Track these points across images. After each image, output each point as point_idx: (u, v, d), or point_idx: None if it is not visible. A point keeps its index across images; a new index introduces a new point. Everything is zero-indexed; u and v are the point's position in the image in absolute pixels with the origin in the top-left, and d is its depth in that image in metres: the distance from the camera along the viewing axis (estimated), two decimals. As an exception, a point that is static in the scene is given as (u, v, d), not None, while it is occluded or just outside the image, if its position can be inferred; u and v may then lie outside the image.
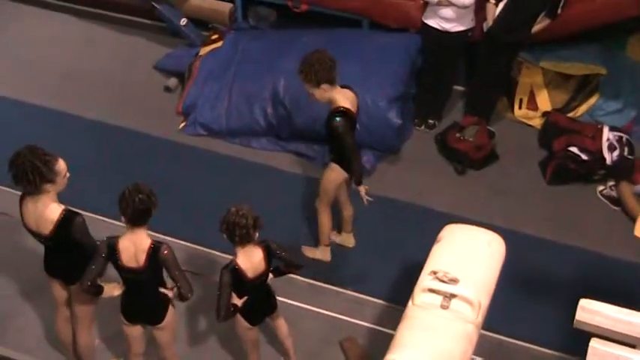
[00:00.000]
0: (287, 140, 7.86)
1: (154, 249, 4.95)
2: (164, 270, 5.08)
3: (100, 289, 5.11)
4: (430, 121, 8.24)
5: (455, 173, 7.75)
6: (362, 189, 6.11)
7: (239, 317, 5.35)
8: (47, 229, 5.07)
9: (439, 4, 7.58)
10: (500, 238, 5.52)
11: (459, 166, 7.76)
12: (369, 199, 6.17)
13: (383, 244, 6.96)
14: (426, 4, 7.81)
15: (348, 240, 6.92)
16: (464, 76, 8.47)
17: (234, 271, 5.08)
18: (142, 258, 4.96)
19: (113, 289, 5.20)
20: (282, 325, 5.72)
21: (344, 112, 5.78)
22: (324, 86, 5.76)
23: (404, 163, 7.85)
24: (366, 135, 7.50)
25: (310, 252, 6.82)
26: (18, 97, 8.48)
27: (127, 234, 4.97)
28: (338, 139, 5.86)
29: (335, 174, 6.24)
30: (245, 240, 5.05)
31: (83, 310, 5.51)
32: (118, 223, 5.31)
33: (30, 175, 4.89)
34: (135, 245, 4.96)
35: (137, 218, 4.90)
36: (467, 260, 5.23)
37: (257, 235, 5.09)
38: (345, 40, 8.14)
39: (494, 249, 5.41)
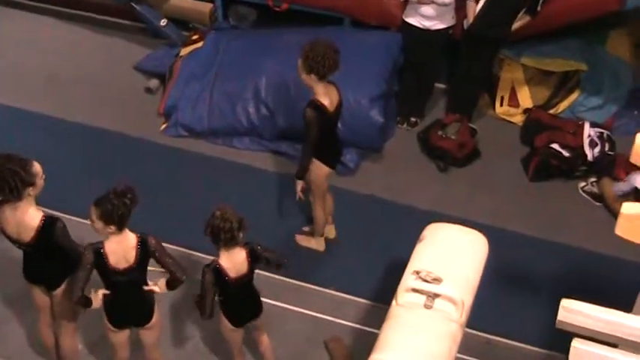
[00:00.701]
0: (270, 140, 7.84)
1: (142, 242, 4.95)
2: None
3: (89, 301, 5.05)
4: (412, 119, 8.25)
5: (437, 171, 7.77)
6: (299, 184, 6.20)
7: (223, 318, 5.34)
8: (28, 235, 5.03)
9: (420, 2, 7.59)
10: (483, 237, 5.53)
11: (441, 163, 7.77)
12: (302, 196, 6.28)
13: (366, 243, 6.97)
14: (406, 2, 7.83)
15: (329, 232, 6.94)
16: (445, 73, 8.48)
17: (216, 270, 5.07)
18: (132, 255, 4.95)
19: (97, 294, 5.12)
20: (264, 340, 5.71)
21: (317, 106, 5.83)
22: (313, 76, 5.79)
23: (387, 162, 7.86)
24: (349, 133, 7.50)
25: (305, 241, 6.88)
26: (-1, 100, 8.43)
27: (113, 237, 4.92)
28: (305, 128, 5.90)
29: (318, 168, 6.27)
30: (230, 243, 5.04)
31: (66, 316, 5.47)
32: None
33: (11, 182, 4.84)
34: (122, 245, 4.93)
35: (125, 221, 4.88)
36: (450, 259, 5.24)
37: (242, 236, 5.07)
38: (327, 38, 8.10)
39: (477, 247, 5.42)
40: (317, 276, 6.65)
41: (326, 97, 5.90)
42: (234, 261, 5.12)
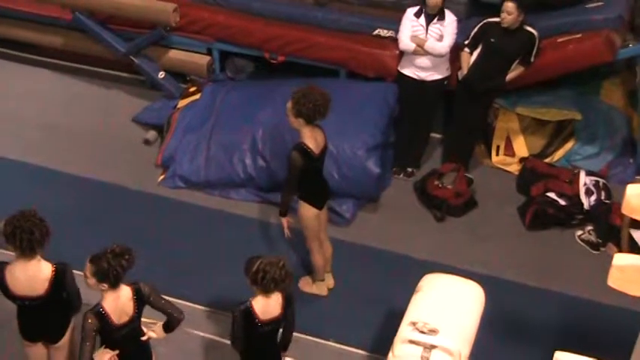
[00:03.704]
0: (266, 191, 7.87)
1: (137, 291, 4.98)
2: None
3: None
4: (409, 169, 8.29)
5: (434, 220, 7.78)
6: (284, 221, 6.30)
7: None
8: (42, 288, 5.09)
9: (415, 53, 7.67)
10: (480, 287, 5.54)
11: (438, 213, 7.78)
12: (289, 234, 6.36)
13: (363, 293, 6.94)
14: (401, 54, 7.91)
15: (328, 281, 6.94)
16: (441, 123, 8.55)
17: (248, 312, 5.03)
18: (131, 307, 4.97)
19: (102, 356, 5.07)
20: None
21: (303, 150, 5.98)
22: (301, 120, 5.97)
23: (383, 211, 7.87)
24: (346, 184, 7.54)
25: (307, 286, 6.90)
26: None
27: (109, 295, 4.90)
28: (288, 168, 6.06)
29: (306, 210, 6.35)
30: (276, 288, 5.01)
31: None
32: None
33: (35, 236, 4.94)
34: (119, 301, 4.93)
35: (120, 280, 4.89)
36: (446, 310, 5.24)
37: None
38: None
39: (474, 298, 5.42)
40: (315, 327, 6.61)
41: (312, 139, 6.04)
42: (268, 305, 5.08)
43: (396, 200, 7.99)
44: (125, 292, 4.95)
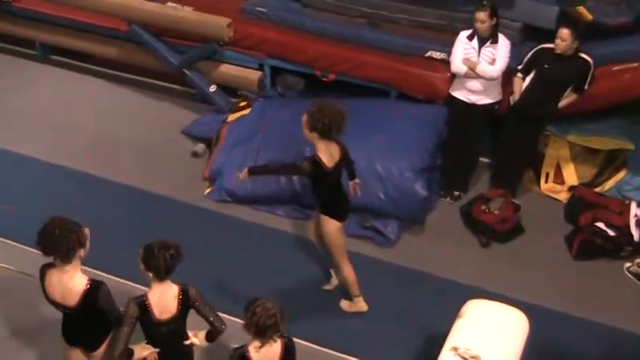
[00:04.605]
0: (312, 208, 7.85)
1: (184, 292, 5.06)
2: None
3: (131, 353, 5.10)
4: (456, 192, 8.23)
5: (479, 245, 7.70)
6: (244, 173, 6.41)
7: None
8: (73, 300, 5.10)
9: (466, 75, 7.64)
10: (524, 315, 5.46)
11: (483, 238, 7.71)
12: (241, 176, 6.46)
13: (405, 316, 6.89)
14: (452, 77, 7.88)
15: (359, 305, 6.87)
16: (490, 148, 8.48)
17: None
18: (174, 305, 5.05)
19: (142, 351, 5.18)
20: None
21: (314, 161, 6.05)
22: (315, 134, 6.05)
23: (428, 234, 7.83)
24: (392, 205, 7.52)
25: (348, 306, 6.87)
26: (48, 159, 8.60)
27: (154, 289, 5.03)
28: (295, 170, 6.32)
29: (328, 223, 6.35)
30: (274, 335, 4.85)
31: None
32: (140, 286, 5.30)
33: (69, 243, 4.96)
34: (164, 296, 5.03)
35: (167, 273, 5.00)
36: (489, 337, 5.18)
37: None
38: (373, 111, 8.21)
39: (517, 326, 5.35)
40: (354, 347, 6.58)
41: (326, 153, 6.09)
42: (267, 352, 4.90)
43: (441, 223, 7.94)
44: (172, 289, 5.05)
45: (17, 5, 10.24)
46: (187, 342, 5.23)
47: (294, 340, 5.03)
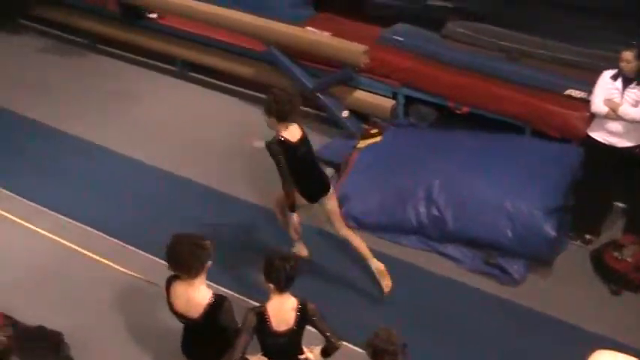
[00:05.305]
0: (438, 241, 7.77)
1: (302, 306, 5.15)
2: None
3: None
4: (587, 236, 7.96)
5: (609, 293, 7.42)
6: (294, 217, 6.92)
7: None
8: (197, 312, 5.18)
9: (607, 117, 7.40)
10: (655, 371, 5.19)
11: (614, 286, 7.42)
12: (297, 228, 7.05)
13: (524, 358, 6.70)
14: (592, 117, 7.65)
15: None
16: (626, 192, 8.17)
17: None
18: (292, 317, 5.13)
19: None
20: None
21: (278, 140, 6.53)
22: (273, 119, 6.53)
23: (555, 277, 7.59)
24: (519, 243, 7.37)
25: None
26: (173, 171, 8.85)
27: (273, 300, 5.13)
28: (273, 159, 6.59)
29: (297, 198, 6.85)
30: None
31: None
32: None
33: (200, 260, 5.10)
34: (282, 307, 5.12)
35: (287, 284, 5.10)
36: (617, 390, 4.93)
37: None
38: (506, 146, 8.09)
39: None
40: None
41: (287, 132, 6.58)
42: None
43: (569, 266, 7.69)
44: (290, 301, 5.15)
45: (163, 22, 10.62)
46: (302, 357, 5.28)
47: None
